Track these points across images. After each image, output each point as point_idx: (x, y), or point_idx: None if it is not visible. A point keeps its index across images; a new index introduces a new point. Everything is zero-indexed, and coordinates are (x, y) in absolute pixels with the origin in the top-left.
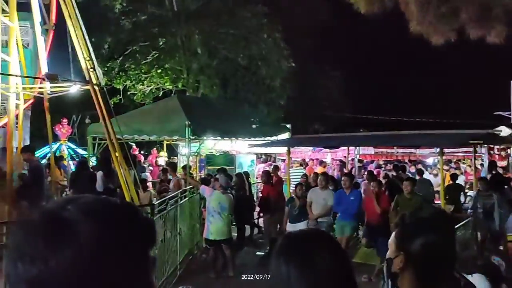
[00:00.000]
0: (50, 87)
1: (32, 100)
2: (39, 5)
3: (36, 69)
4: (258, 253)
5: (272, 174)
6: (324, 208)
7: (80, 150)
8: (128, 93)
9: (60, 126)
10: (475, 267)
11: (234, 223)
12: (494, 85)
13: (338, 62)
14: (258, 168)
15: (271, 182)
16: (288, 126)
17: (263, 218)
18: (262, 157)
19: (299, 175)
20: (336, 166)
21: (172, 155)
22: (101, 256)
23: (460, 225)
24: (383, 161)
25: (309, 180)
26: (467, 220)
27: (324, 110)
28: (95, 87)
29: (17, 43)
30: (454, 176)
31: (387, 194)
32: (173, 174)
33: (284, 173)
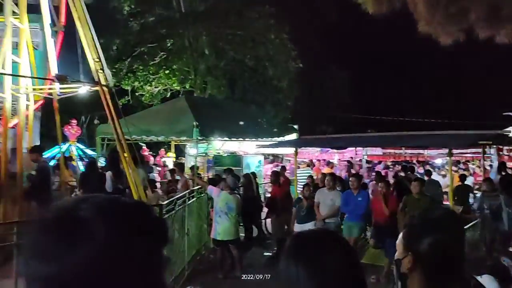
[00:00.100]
0: (60, 88)
1: (42, 101)
2: (49, 7)
3: (46, 71)
4: (266, 254)
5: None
6: (332, 209)
7: (89, 151)
8: (136, 94)
9: (69, 127)
10: (484, 268)
11: (242, 224)
12: (504, 86)
13: (346, 63)
14: (265, 169)
15: (279, 183)
16: (296, 127)
17: (271, 219)
18: (270, 158)
19: (307, 176)
20: (344, 167)
21: (180, 156)
22: (115, 255)
23: (469, 226)
24: (391, 162)
25: (316, 181)
26: (476, 221)
27: (332, 111)
28: (104, 88)
29: (27, 45)
30: (463, 177)
31: (396, 194)
32: (181, 175)
33: (290, 174)
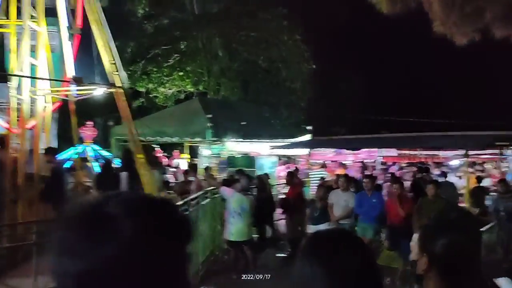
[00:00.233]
0: (76, 90)
1: (59, 103)
2: (66, 11)
3: (63, 73)
4: (279, 255)
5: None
6: (346, 210)
7: (104, 152)
8: (151, 96)
9: (85, 129)
10: (501, 271)
11: (255, 225)
12: None
13: (360, 63)
14: (278, 170)
15: (295, 184)
16: (309, 128)
17: (285, 220)
18: (283, 159)
19: (320, 177)
20: (357, 168)
21: (194, 157)
22: (142, 251)
23: (486, 229)
24: (406, 163)
25: (330, 182)
26: (493, 224)
27: (346, 112)
28: (119, 90)
29: (45, 48)
30: (479, 179)
31: (412, 195)
32: (194, 176)
33: (303, 175)
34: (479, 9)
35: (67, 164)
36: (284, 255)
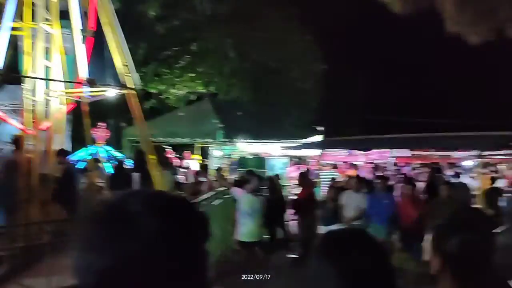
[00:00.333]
0: (89, 92)
1: (73, 105)
2: (80, 13)
3: (76, 75)
4: (290, 256)
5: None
6: (357, 211)
7: (116, 153)
8: (162, 97)
9: (98, 130)
10: None
11: (266, 226)
12: None
13: (371, 63)
14: (289, 171)
15: (307, 185)
16: (321, 129)
17: (297, 221)
18: (294, 160)
19: (330, 178)
20: (369, 169)
21: (205, 158)
22: (163, 249)
23: (502, 230)
24: (420, 164)
25: (341, 183)
26: (509, 226)
27: (358, 112)
28: (131, 91)
29: (59, 50)
30: (493, 180)
31: (427, 196)
32: (205, 176)
33: (314, 176)
34: (493, 9)
35: (81, 165)
36: (295, 256)
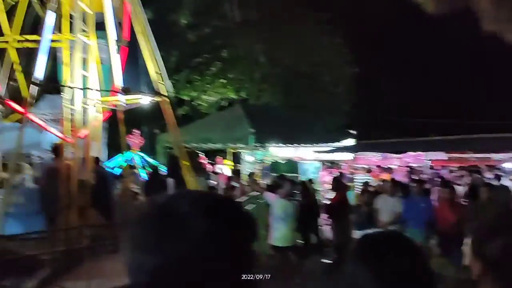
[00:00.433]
0: (124, 100)
1: (109, 113)
2: (115, 24)
3: (111, 84)
4: (324, 261)
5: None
6: (393, 215)
7: (150, 159)
8: (194, 104)
9: (132, 137)
10: None
11: (299, 230)
12: None
13: (404, 65)
14: (322, 175)
15: (340, 189)
16: (353, 132)
17: (331, 226)
18: (326, 164)
19: (365, 182)
20: (404, 173)
21: (237, 163)
22: (212, 249)
23: None
24: (457, 167)
25: (375, 187)
26: None
27: (391, 115)
28: (164, 98)
29: (95, 60)
30: None
31: (468, 201)
32: (238, 181)
33: (347, 180)
34: None
35: (116, 171)
36: (330, 262)
